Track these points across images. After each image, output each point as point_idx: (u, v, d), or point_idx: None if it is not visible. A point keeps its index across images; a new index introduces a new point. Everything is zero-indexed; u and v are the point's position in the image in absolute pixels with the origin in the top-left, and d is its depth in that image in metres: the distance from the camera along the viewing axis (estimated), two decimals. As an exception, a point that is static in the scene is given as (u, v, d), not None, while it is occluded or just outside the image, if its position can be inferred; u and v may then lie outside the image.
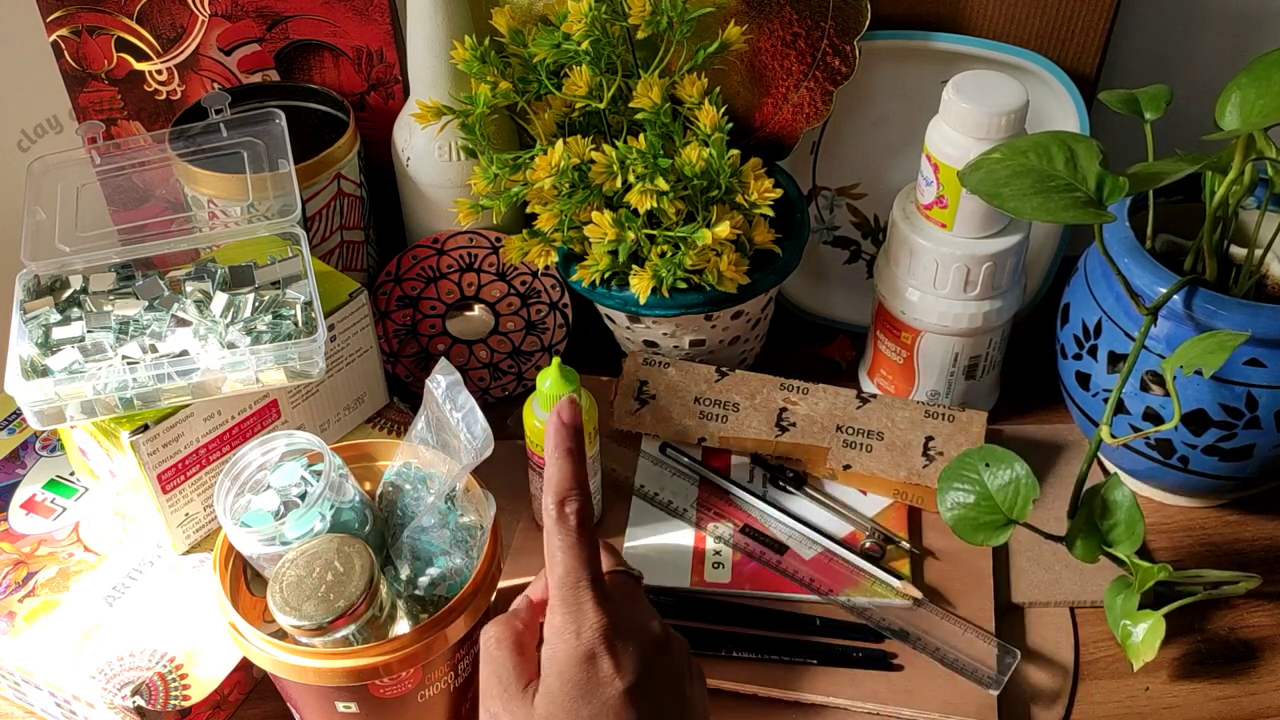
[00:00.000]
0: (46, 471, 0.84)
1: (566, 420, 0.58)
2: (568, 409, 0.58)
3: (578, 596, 0.56)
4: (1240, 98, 0.73)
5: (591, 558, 0.57)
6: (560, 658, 0.56)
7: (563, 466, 0.57)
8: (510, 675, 0.58)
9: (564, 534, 0.56)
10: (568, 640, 0.56)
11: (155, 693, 0.71)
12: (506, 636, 0.59)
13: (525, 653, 0.59)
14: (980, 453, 0.77)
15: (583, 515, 0.57)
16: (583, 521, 0.56)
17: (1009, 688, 0.75)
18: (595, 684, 0.55)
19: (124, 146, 0.86)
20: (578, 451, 0.58)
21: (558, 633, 0.56)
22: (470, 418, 0.66)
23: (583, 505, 0.57)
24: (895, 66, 0.91)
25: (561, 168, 0.81)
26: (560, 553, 0.56)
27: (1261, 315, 0.74)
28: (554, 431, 0.58)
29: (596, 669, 0.55)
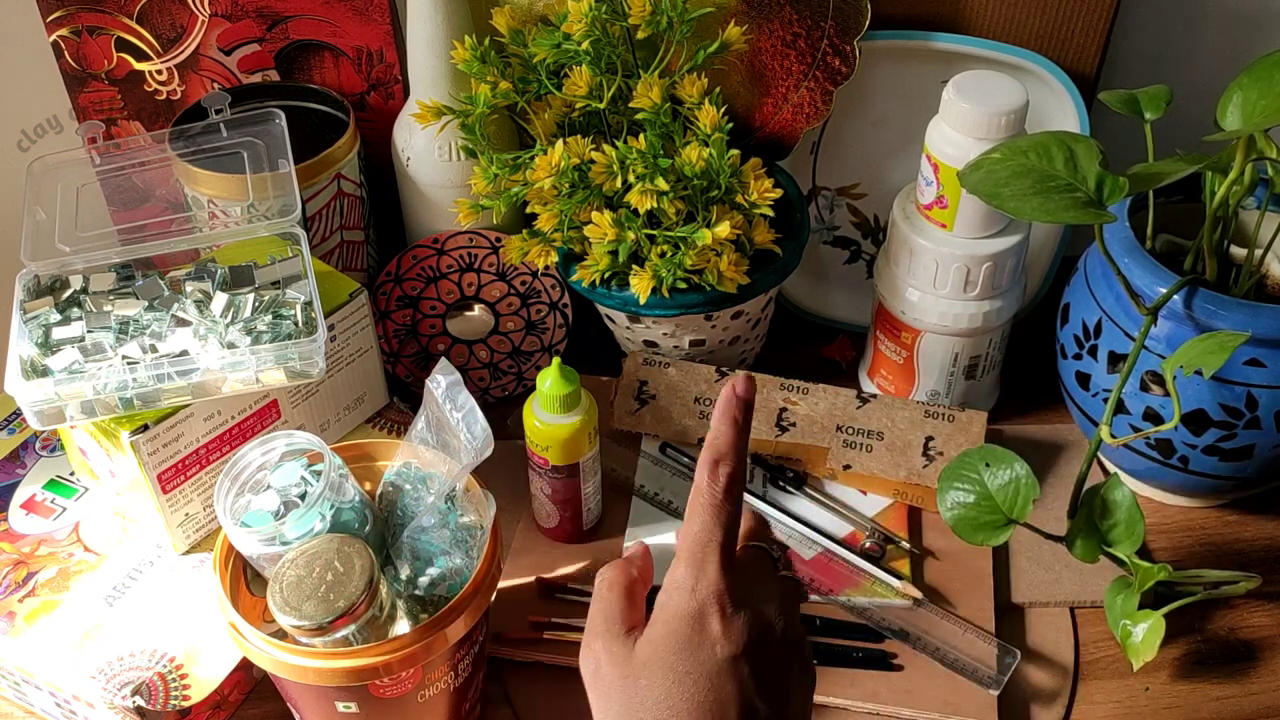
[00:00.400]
0: (46, 471, 0.84)
1: (740, 393, 0.57)
2: (743, 384, 0.57)
3: (704, 555, 0.55)
4: (1241, 98, 0.73)
5: (729, 524, 0.56)
6: (671, 608, 0.55)
7: (727, 432, 0.57)
8: (616, 617, 0.57)
9: (711, 493, 0.56)
10: (683, 593, 0.55)
11: (155, 693, 0.71)
12: (619, 580, 0.59)
13: (635, 600, 0.58)
14: (980, 453, 0.77)
15: (732, 479, 0.56)
16: (731, 485, 0.56)
17: (1009, 688, 0.75)
18: (698, 642, 0.54)
19: (124, 146, 0.86)
20: (744, 424, 0.57)
21: (675, 584, 0.56)
22: (470, 418, 0.66)
23: (735, 470, 0.56)
24: (895, 66, 0.91)
25: (561, 168, 0.81)
26: (701, 509, 0.56)
27: (1261, 315, 0.74)
28: (725, 399, 0.57)
29: (703, 628, 0.54)
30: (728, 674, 0.54)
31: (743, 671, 0.54)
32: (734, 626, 0.55)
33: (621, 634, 0.57)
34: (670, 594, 0.56)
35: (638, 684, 0.54)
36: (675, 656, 0.54)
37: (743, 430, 0.57)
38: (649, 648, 0.55)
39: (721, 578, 0.55)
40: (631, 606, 0.58)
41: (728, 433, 0.57)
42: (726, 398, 0.58)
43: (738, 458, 0.57)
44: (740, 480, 0.57)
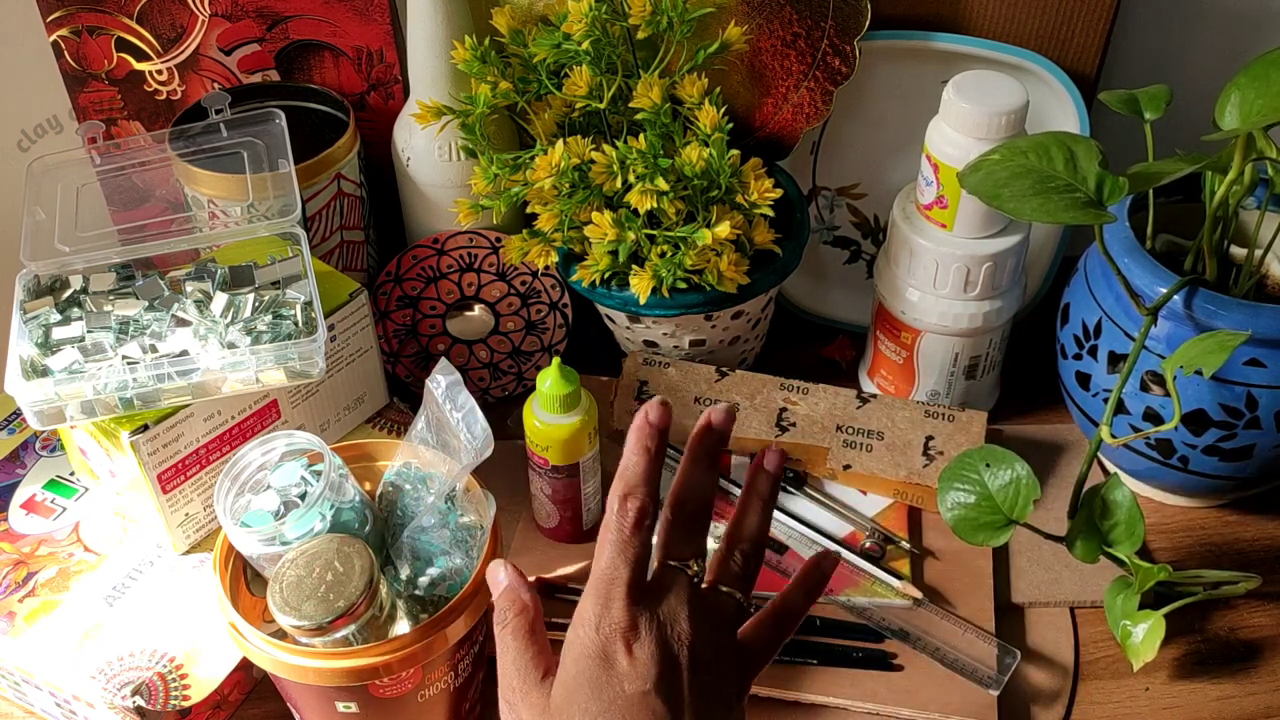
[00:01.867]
0: (46, 471, 0.84)
1: (653, 420, 0.57)
2: (657, 410, 0.58)
3: (609, 591, 0.55)
4: (1240, 98, 0.73)
5: (637, 559, 0.56)
6: (578, 646, 0.55)
7: (638, 463, 0.57)
8: (528, 665, 0.57)
9: (619, 528, 0.56)
10: (589, 630, 0.55)
11: (155, 693, 0.71)
12: (520, 626, 0.59)
13: (539, 638, 0.59)
14: (980, 453, 0.77)
15: (642, 513, 0.56)
16: (639, 520, 0.56)
17: (1009, 688, 0.75)
18: (607, 680, 0.54)
19: (124, 146, 0.86)
20: (657, 453, 0.57)
21: (582, 621, 0.56)
22: (470, 418, 0.66)
23: (645, 504, 0.56)
24: (895, 66, 0.91)
25: (561, 168, 0.81)
26: (609, 545, 0.56)
27: (1261, 315, 0.74)
28: (637, 427, 0.57)
29: (611, 665, 0.54)
30: (639, 710, 0.54)
31: (655, 706, 0.54)
32: (640, 661, 0.54)
33: (537, 682, 0.57)
34: (577, 631, 0.56)
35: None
36: (587, 697, 0.54)
37: (655, 460, 0.57)
38: (561, 691, 0.55)
39: (626, 613, 0.55)
40: (539, 648, 0.58)
41: (639, 464, 0.57)
42: (639, 426, 0.57)
43: (648, 490, 0.56)
44: (651, 513, 0.56)
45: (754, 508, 0.61)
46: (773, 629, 0.62)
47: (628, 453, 0.57)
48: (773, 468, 0.62)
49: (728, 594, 0.59)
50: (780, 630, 0.62)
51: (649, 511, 0.56)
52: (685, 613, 0.56)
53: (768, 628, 0.62)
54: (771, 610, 0.62)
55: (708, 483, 0.59)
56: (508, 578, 0.61)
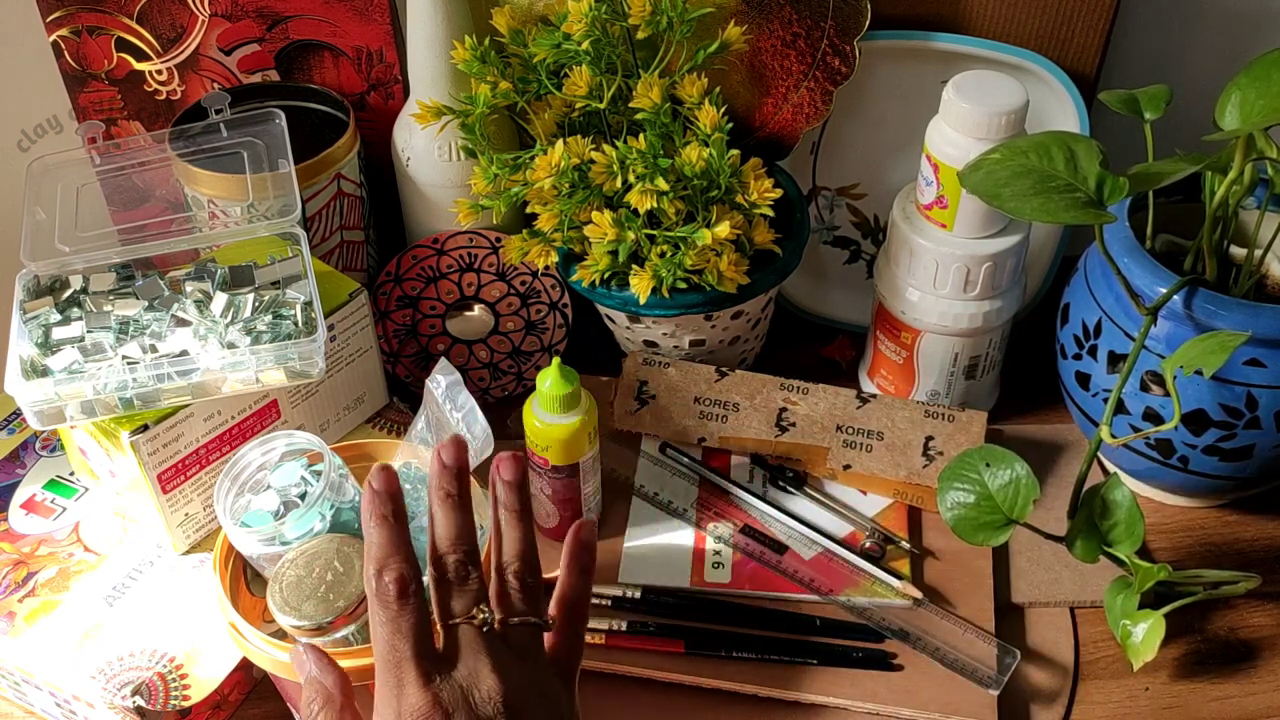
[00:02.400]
0: (46, 471, 0.84)
1: (379, 488, 0.55)
2: (380, 478, 0.55)
3: (399, 675, 0.52)
4: (1240, 98, 0.73)
5: (416, 630, 0.53)
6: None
7: (379, 534, 0.54)
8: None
9: (383, 605, 0.53)
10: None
11: (155, 693, 0.71)
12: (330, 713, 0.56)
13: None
14: (980, 453, 0.77)
15: (401, 583, 0.53)
16: (402, 590, 0.53)
17: (1009, 688, 0.75)
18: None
19: (124, 146, 0.86)
20: (396, 518, 0.54)
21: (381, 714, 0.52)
22: (470, 418, 0.66)
23: (403, 573, 0.53)
24: (895, 66, 0.91)
25: (561, 168, 0.81)
26: (380, 628, 0.53)
27: (1261, 315, 0.74)
28: (367, 501, 0.55)
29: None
30: None
31: None
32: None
33: None
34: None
35: None
36: None
37: (396, 527, 0.54)
38: None
39: (423, 692, 0.52)
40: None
41: (380, 534, 0.54)
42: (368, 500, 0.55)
43: (402, 556, 0.54)
44: (411, 579, 0.53)
45: (508, 523, 0.58)
46: (569, 625, 0.59)
47: (365, 529, 0.54)
48: (510, 476, 0.58)
49: (519, 624, 0.56)
50: (577, 622, 0.59)
51: (408, 577, 0.53)
52: (487, 667, 0.53)
53: (564, 627, 0.59)
54: (558, 609, 0.59)
55: (464, 523, 0.56)
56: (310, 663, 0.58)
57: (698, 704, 0.75)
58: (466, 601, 0.55)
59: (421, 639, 0.53)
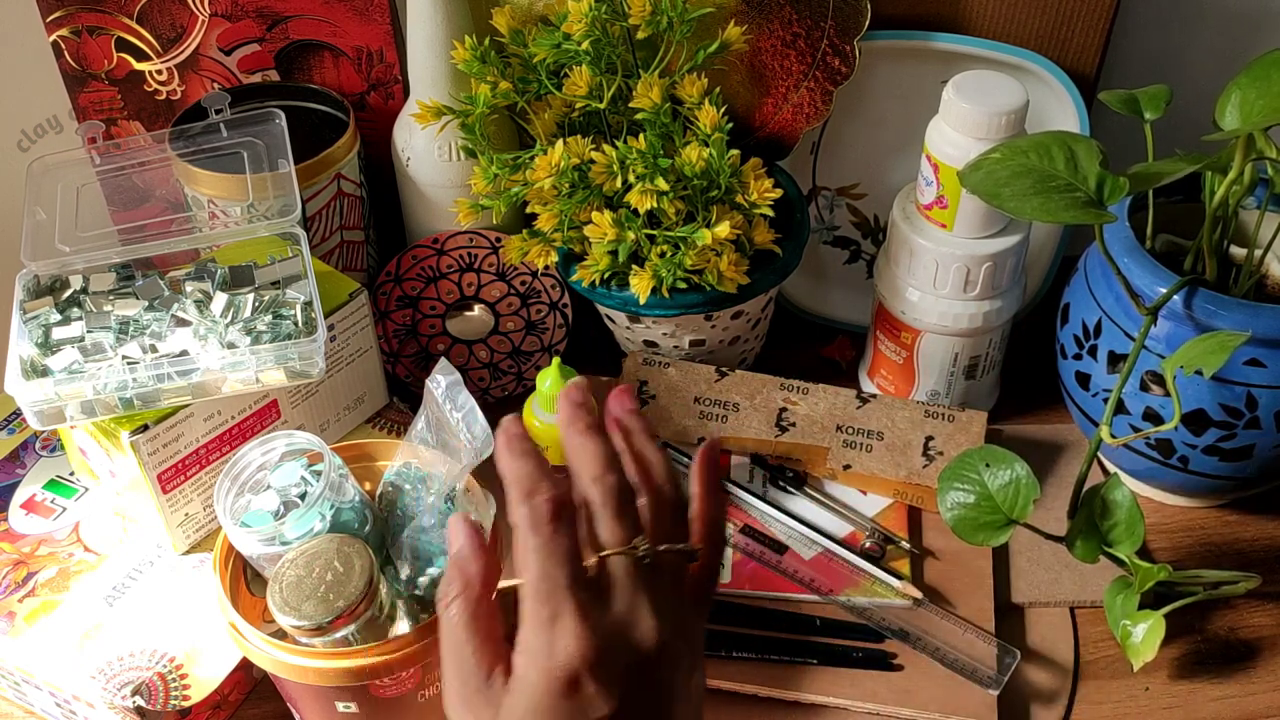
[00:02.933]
0: (46, 471, 0.84)
1: (515, 432, 0.53)
2: (513, 423, 0.53)
3: (554, 606, 0.48)
4: (1240, 98, 0.73)
5: (571, 554, 0.49)
6: (533, 678, 0.48)
7: (522, 466, 0.51)
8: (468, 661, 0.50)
9: (536, 529, 0.49)
10: (540, 660, 0.48)
11: (155, 693, 0.71)
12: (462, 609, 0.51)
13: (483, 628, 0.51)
14: (980, 453, 0.77)
15: (555, 505, 0.49)
16: (556, 512, 0.49)
17: (1009, 688, 0.75)
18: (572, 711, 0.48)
19: (124, 146, 0.86)
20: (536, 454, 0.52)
21: (529, 650, 0.48)
22: (470, 418, 0.66)
23: (555, 495, 0.50)
24: (895, 66, 0.91)
25: (561, 168, 0.81)
26: (533, 554, 0.49)
27: (1261, 315, 0.74)
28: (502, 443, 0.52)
29: (576, 693, 0.48)
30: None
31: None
32: (609, 682, 0.48)
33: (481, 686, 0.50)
34: (527, 663, 0.48)
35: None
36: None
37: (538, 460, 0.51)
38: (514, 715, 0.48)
39: (582, 631, 0.48)
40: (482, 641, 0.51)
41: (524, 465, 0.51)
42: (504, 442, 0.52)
43: (550, 483, 0.50)
44: (566, 503, 0.50)
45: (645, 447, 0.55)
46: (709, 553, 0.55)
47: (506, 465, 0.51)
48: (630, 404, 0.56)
49: (668, 550, 0.52)
50: (716, 549, 0.56)
51: (561, 500, 0.50)
52: (646, 604, 0.50)
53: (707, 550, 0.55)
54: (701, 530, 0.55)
55: (608, 450, 0.53)
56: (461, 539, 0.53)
57: (698, 704, 0.75)
58: (622, 531, 0.51)
59: (577, 566, 0.49)
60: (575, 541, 0.50)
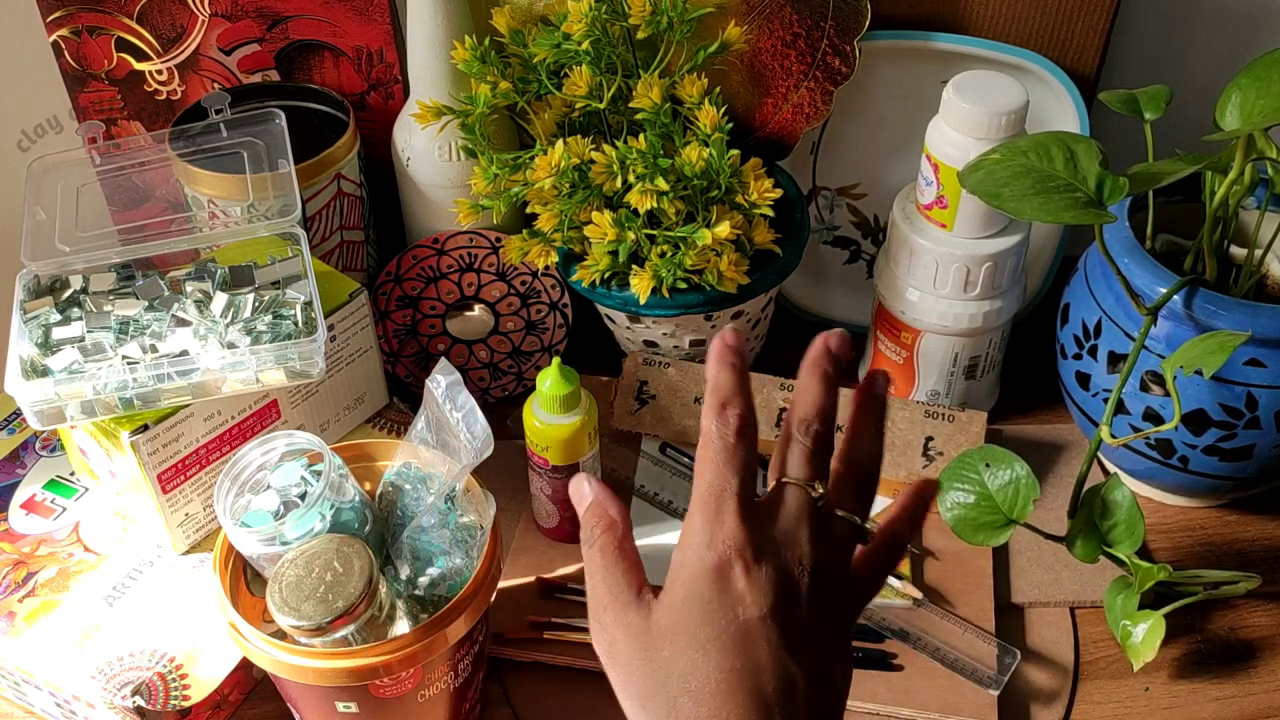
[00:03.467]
0: (46, 471, 0.84)
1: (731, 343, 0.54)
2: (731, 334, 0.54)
3: (720, 505, 0.50)
4: (1240, 98, 0.73)
5: (745, 468, 0.51)
6: (689, 567, 0.50)
7: (728, 376, 0.53)
8: (620, 582, 0.52)
9: (721, 437, 0.51)
10: (699, 549, 0.50)
11: (155, 693, 0.71)
12: (609, 542, 0.53)
13: (628, 555, 0.53)
14: (980, 453, 0.77)
15: (743, 421, 0.51)
16: (743, 428, 0.51)
17: (1009, 688, 0.75)
18: (721, 603, 0.49)
19: (124, 146, 0.86)
20: (743, 371, 0.53)
21: (691, 540, 0.51)
22: (470, 418, 0.66)
23: (745, 413, 0.52)
24: (895, 66, 0.91)
25: (561, 168, 0.81)
26: (713, 457, 0.51)
27: (1261, 315, 0.74)
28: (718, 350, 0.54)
29: (725, 587, 0.49)
30: (756, 637, 0.49)
31: (771, 634, 0.49)
32: (757, 583, 0.49)
33: (632, 600, 0.52)
34: (686, 551, 0.51)
35: (659, 655, 0.50)
36: (697, 622, 0.49)
37: (743, 375, 0.53)
38: (668, 614, 0.50)
39: (741, 528, 0.50)
40: (630, 565, 0.53)
41: (729, 377, 0.53)
42: (718, 348, 0.54)
43: (745, 401, 0.52)
44: (752, 424, 0.52)
45: (868, 431, 0.57)
46: (881, 560, 0.56)
47: (713, 371, 0.53)
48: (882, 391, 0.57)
49: (845, 519, 0.54)
50: (890, 559, 0.57)
51: (750, 421, 0.52)
52: (806, 534, 0.51)
53: (876, 559, 0.56)
54: (881, 539, 0.57)
55: (830, 404, 0.55)
56: (592, 491, 0.55)
57: (698, 704, 0.75)
58: (811, 470, 0.53)
59: (749, 479, 0.51)
60: (753, 461, 0.52)
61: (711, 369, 0.54)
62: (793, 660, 0.49)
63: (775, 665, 0.49)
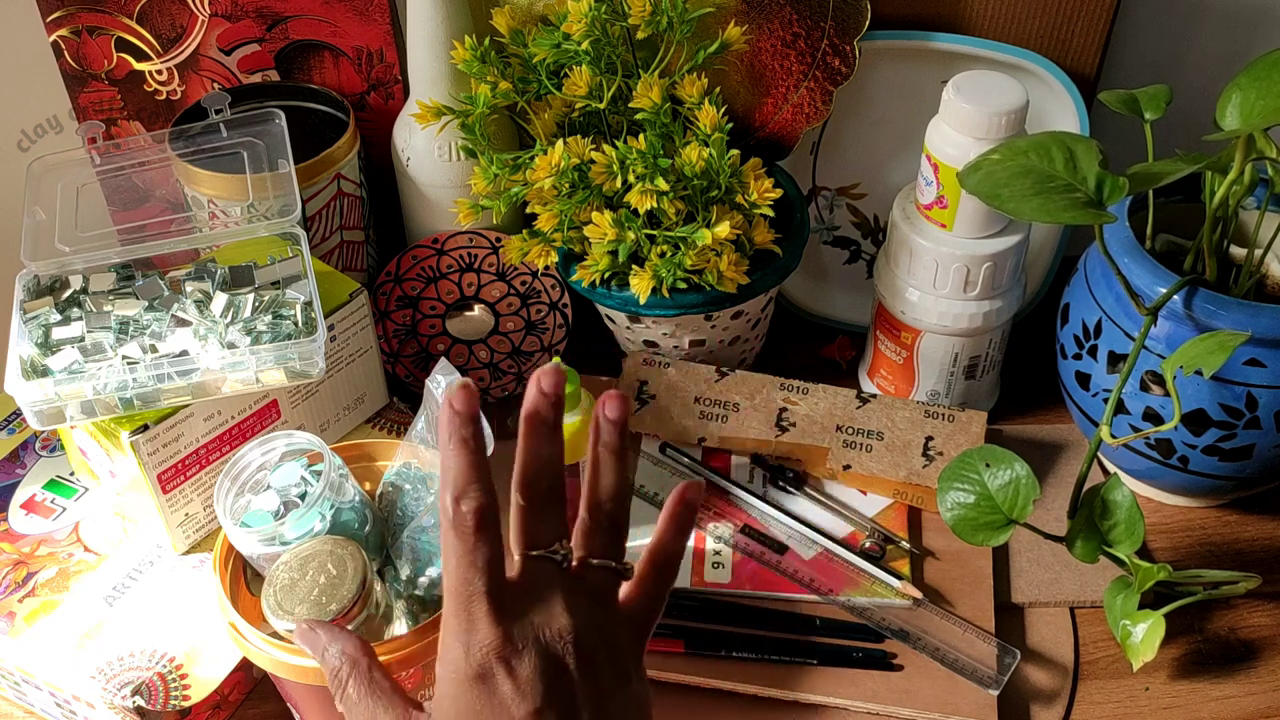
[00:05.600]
0: (46, 471, 0.84)
1: (459, 408, 0.51)
2: (460, 396, 0.51)
3: (470, 610, 0.50)
4: (1240, 98, 0.73)
5: (490, 564, 0.50)
6: (451, 679, 0.50)
7: (458, 458, 0.50)
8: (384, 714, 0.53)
9: (460, 536, 0.50)
10: (457, 661, 0.50)
11: (155, 693, 0.71)
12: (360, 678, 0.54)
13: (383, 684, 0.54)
14: (980, 453, 0.77)
15: (481, 514, 0.50)
16: (481, 521, 0.50)
17: (1009, 688, 0.75)
18: (491, 710, 0.49)
19: (124, 146, 0.86)
20: (475, 443, 0.51)
21: (449, 650, 0.50)
22: (470, 418, 0.66)
23: (482, 503, 0.50)
24: (895, 66, 0.91)
25: (561, 168, 0.81)
26: (454, 558, 0.50)
27: (1261, 315, 0.74)
28: (445, 422, 0.51)
29: (493, 692, 0.49)
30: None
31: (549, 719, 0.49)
32: (523, 680, 0.49)
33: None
34: (445, 665, 0.51)
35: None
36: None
37: (476, 452, 0.51)
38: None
39: (494, 630, 0.49)
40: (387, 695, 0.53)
41: (459, 459, 0.50)
42: (446, 420, 0.51)
43: (481, 485, 0.50)
44: (490, 510, 0.50)
45: (605, 462, 0.54)
46: (655, 583, 0.56)
47: (443, 450, 0.51)
48: (614, 415, 0.54)
49: (599, 565, 0.53)
50: (663, 580, 0.56)
51: (488, 508, 0.50)
52: (560, 604, 0.51)
53: (648, 584, 0.55)
54: (648, 562, 0.56)
55: (553, 455, 0.53)
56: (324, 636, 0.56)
57: (698, 704, 0.75)
58: (550, 533, 0.53)
59: (495, 573, 0.50)
60: (496, 549, 0.51)
61: (441, 445, 0.51)
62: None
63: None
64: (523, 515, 0.53)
